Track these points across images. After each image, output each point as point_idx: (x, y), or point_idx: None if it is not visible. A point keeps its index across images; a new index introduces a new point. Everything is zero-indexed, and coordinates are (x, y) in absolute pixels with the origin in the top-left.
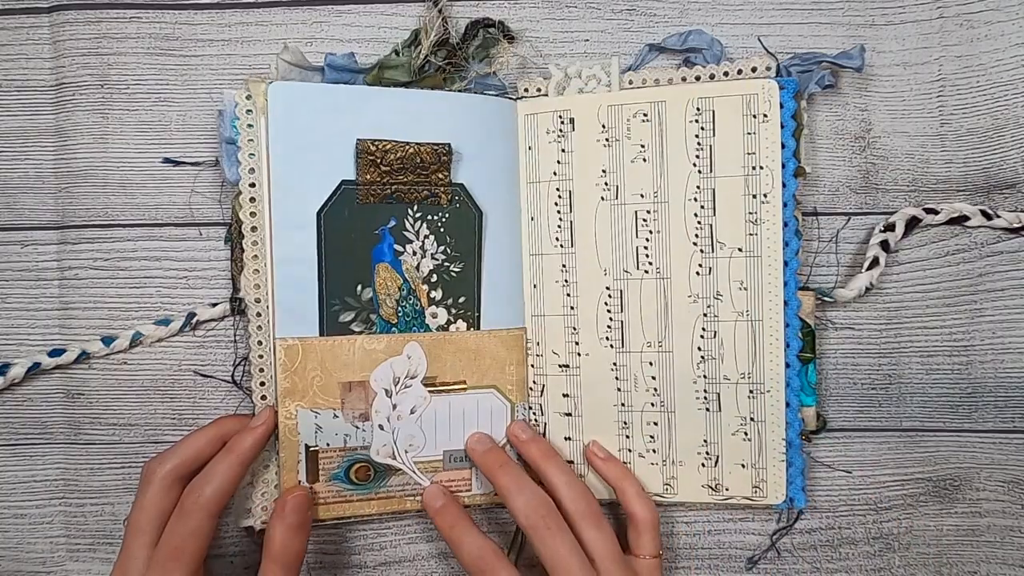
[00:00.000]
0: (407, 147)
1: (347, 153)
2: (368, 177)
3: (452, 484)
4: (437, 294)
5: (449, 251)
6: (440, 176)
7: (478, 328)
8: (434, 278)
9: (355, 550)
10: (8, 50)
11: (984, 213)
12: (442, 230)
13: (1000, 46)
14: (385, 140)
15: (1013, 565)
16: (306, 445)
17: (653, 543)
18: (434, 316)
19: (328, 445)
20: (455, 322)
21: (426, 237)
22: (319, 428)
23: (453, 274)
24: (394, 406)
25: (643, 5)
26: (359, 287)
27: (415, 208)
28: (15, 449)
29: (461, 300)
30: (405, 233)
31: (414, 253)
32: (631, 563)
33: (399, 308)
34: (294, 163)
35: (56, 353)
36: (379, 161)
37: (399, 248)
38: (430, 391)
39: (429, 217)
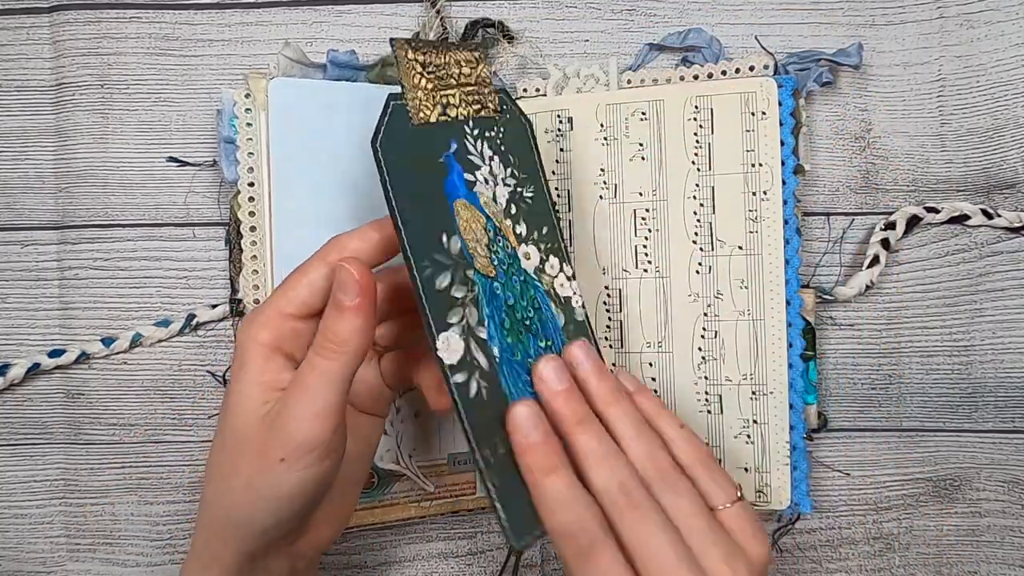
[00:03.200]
0: (443, 49)
1: (349, 150)
2: (416, 85)
3: (456, 487)
4: (522, 229)
5: (517, 173)
6: (484, 79)
7: (569, 263)
8: (514, 209)
9: (355, 550)
10: (8, 50)
11: (985, 212)
12: (503, 148)
13: (1000, 46)
14: (421, 41)
15: (1013, 565)
16: None
17: (720, 484)
18: (527, 257)
19: None
20: (547, 259)
21: (491, 159)
22: None
23: (528, 200)
24: (398, 410)
25: (643, 5)
26: (444, 236)
27: (471, 124)
28: (15, 449)
29: (544, 231)
30: (470, 157)
31: (486, 181)
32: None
33: (492, 255)
34: (295, 160)
35: (56, 353)
36: (424, 67)
37: (470, 177)
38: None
39: (487, 134)
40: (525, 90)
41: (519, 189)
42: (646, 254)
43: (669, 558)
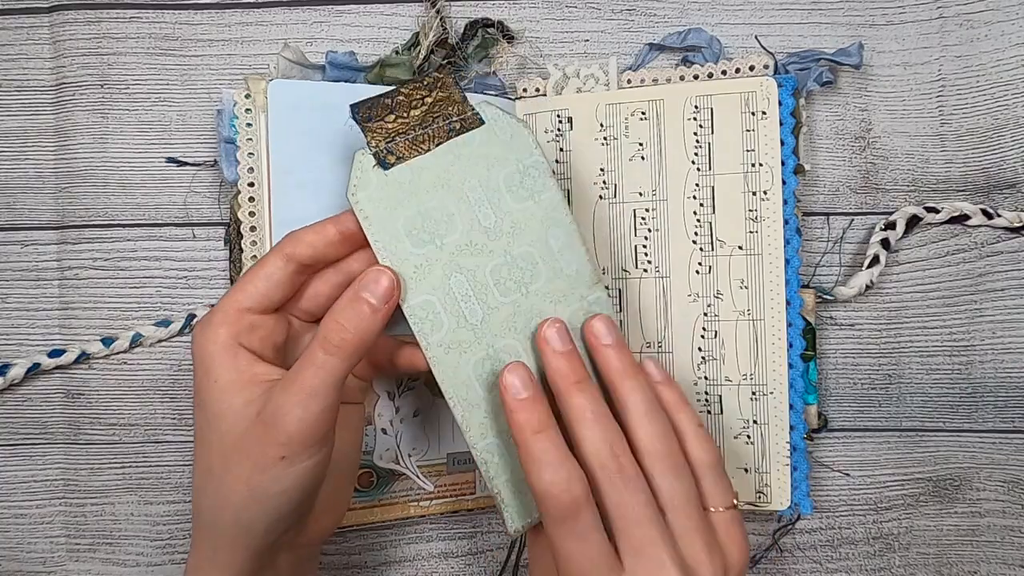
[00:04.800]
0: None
1: (348, 151)
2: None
3: (456, 487)
4: None
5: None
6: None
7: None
8: None
9: (355, 550)
10: (8, 50)
11: (985, 212)
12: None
13: (1000, 46)
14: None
15: (1013, 565)
16: None
17: (721, 489)
18: None
19: None
20: None
21: None
22: None
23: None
24: (397, 409)
25: (643, 5)
26: None
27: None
28: (15, 449)
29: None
30: None
31: None
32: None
33: None
34: (295, 160)
35: (56, 353)
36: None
37: None
38: (433, 393)
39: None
40: (525, 90)
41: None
42: (646, 254)
43: (650, 532)
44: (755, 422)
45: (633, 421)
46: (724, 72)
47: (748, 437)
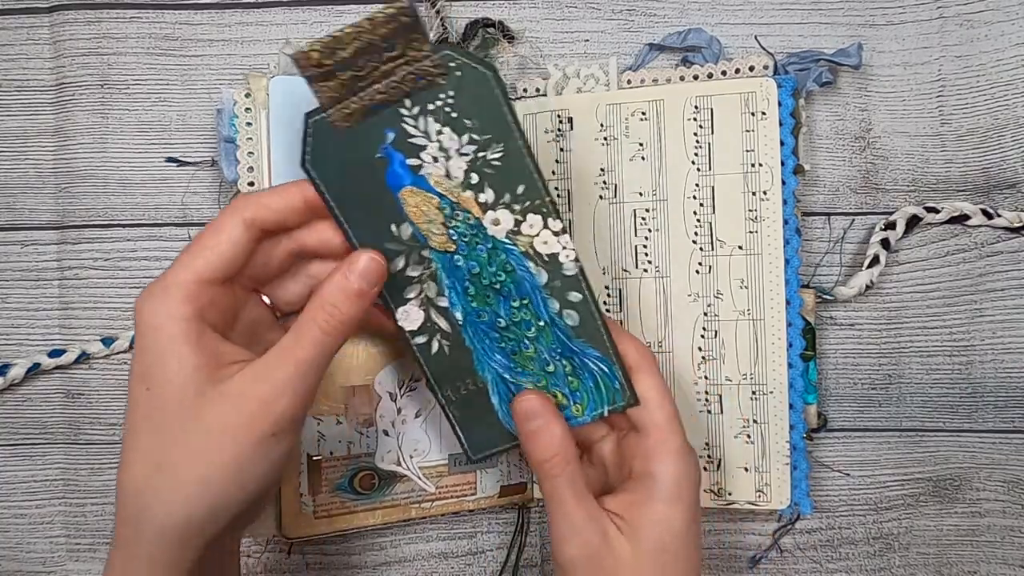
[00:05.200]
0: (355, 32)
1: None
2: (330, 94)
3: (457, 488)
4: (487, 196)
5: (477, 136)
6: (416, 46)
7: (556, 215)
8: (474, 178)
9: (355, 550)
10: (8, 50)
11: (985, 212)
12: (454, 114)
13: (1000, 46)
14: (320, 39)
15: (1013, 565)
16: (308, 455)
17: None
18: (496, 224)
19: (331, 454)
20: (524, 220)
21: (439, 133)
22: (322, 436)
23: (494, 163)
24: (399, 410)
25: (643, 5)
26: (393, 226)
27: (409, 104)
28: (15, 449)
29: (520, 190)
30: (412, 141)
31: (435, 160)
32: None
33: (450, 231)
34: (295, 159)
35: (56, 354)
36: (331, 66)
37: (414, 162)
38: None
39: (431, 106)
40: (525, 90)
41: (481, 154)
42: (646, 254)
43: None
44: (755, 421)
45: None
46: (724, 72)
47: (748, 436)
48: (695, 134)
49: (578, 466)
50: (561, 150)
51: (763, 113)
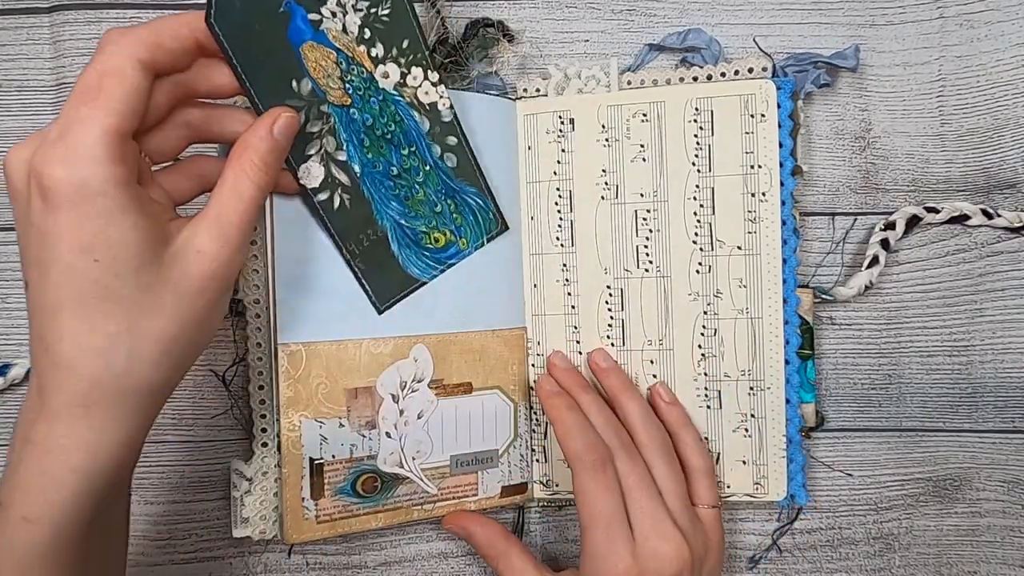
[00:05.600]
0: None
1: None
2: None
3: (459, 489)
4: (378, 50)
5: None
6: None
7: (435, 69)
8: (367, 33)
9: (355, 550)
10: (8, 50)
11: (985, 212)
12: None
13: (1000, 46)
14: None
15: (1013, 565)
16: (311, 458)
17: (710, 492)
18: (386, 76)
19: (334, 457)
20: (409, 72)
21: None
22: (324, 439)
23: (384, 19)
24: (401, 412)
25: (643, 5)
26: (293, 82)
27: None
28: None
29: (405, 44)
30: None
31: (333, 15)
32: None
33: (346, 85)
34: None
35: None
36: None
37: (314, 17)
38: (436, 394)
39: None
40: (525, 90)
41: (373, 10)
42: (647, 254)
43: (649, 495)
44: (753, 416)
45: (634, 424)
46: (723, 74)
47: (746, 431)
48: (695, 136)
49: (520, 546)
50: (562, 151)
51: (762, 115)
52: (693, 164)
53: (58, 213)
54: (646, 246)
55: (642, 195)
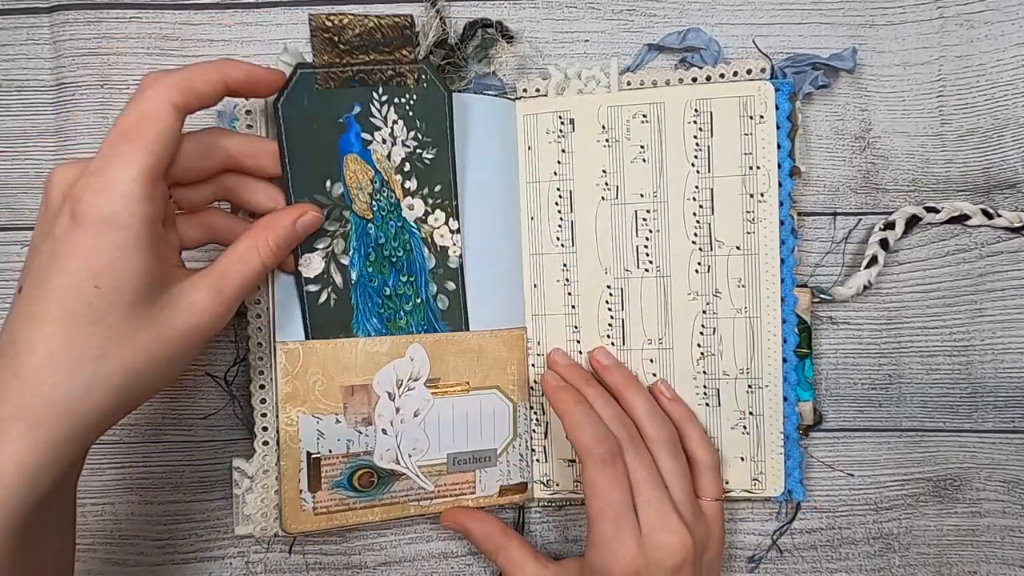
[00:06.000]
0: (366, 21)
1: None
2: (326, 58)
3: (456, 487)
4: (411, 184)
5: (420, 136)
6: (404, 53)
7: (456, 218)
8: (407, 167)
9: (355, 550)
10: (8, 50)
11: (985, 212)
12: (411, 114)
13: (1000, 46)
14: (342, 13)
15: (1013, 565)
16: (308, 452)
17: (715, 485)
18: (411, 208)
19: (331, 452)
20: (432, 212)
21: (395, 123)
22: (321, 434)
23: (427, 161)
24: (397, 409)
25: (643, 5)
26: (328, 182)
27: (380, 91)
28: None
29: (437, 189)
30: (372, 119)
31: (384, 141)
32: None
33: (373, 202)
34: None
35: None
36: (336, 39)
37: (367, 136)
38: (433, 393)
39: (396, 100)
40: (525, 90)
41: (419, 151)
42: (647, 254)
43: (655, 488)
44: (751, 413)
45: (640, 418)
46: (722, 75)
47: (744, 428)
48: (695, 137)
49: (518, 538)
50: (562, 151)
51: (761, 117)
52: (692, 165)
53: (81, 233)
54: (646, 246)
55: (642, 195)
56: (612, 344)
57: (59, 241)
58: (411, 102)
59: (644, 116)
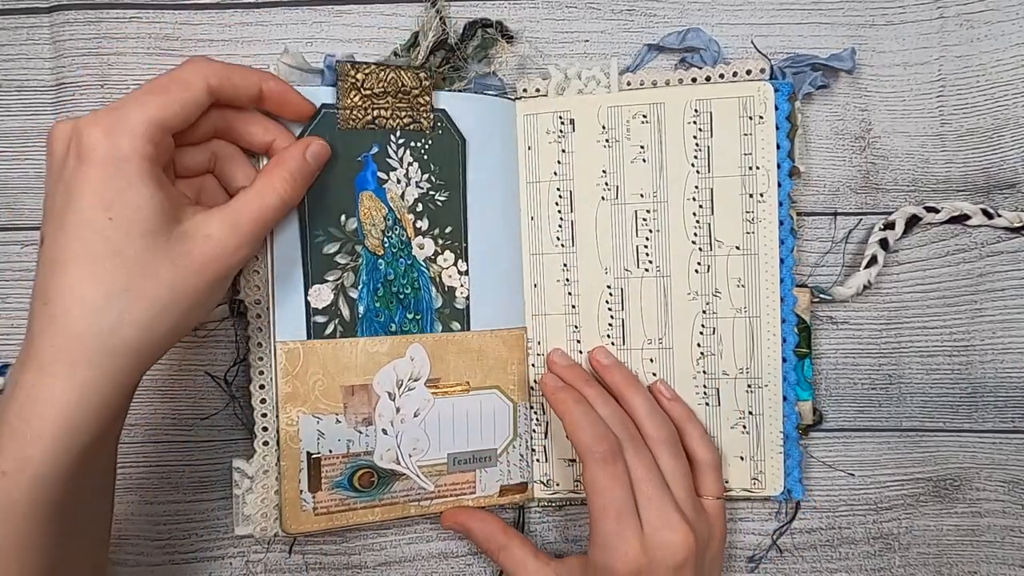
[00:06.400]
0: (388, 71)
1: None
2: (349, 101)
3: (456, 487)
4: (423, 224)
5: (434, 179)
6: (422, 100)
7: (465, 260)
8: (419, 207)
9: (355, 550)
10: (8, 50)
11: (985, 212)
12: (426, 157)
13: (1000, 46)
14: (366, 63)
15: (1013, 565)
16: (308, 452)
17: (716, 484)
18: (421, 247)
19: (331, 452)
20: (442, 253)
21: (410, 165)
22: (321, 434)
23: (439, 203)
24: (397, 409)
25: (643, 5)
26: (343, 217)
27: (398, 135)
28: None
29: (448, 230)
30: (389, 160)
31: (398, 181)
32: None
33: (385, 239)
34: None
35: None
36: (360, 85)
37: (383, 176)
38: (433, 393)
39: (412, 144)
40: (525, 90)
41: (432, 193)
42: (647, 254)
43: (656, 486)
44: (750, 413)
45: (640, 418)
46: (722, 76)
47: (744, 427)
48: (695, 137)
49: (520, 537)
50: (562, 151)
51: (760, 117)
52: (692, 165)
53: (88, 169)
54: (646, 246)
55: (642, 195)
56: (612, 344)
57: (69, 183)
58: (427, 146)
59: (644, 116)
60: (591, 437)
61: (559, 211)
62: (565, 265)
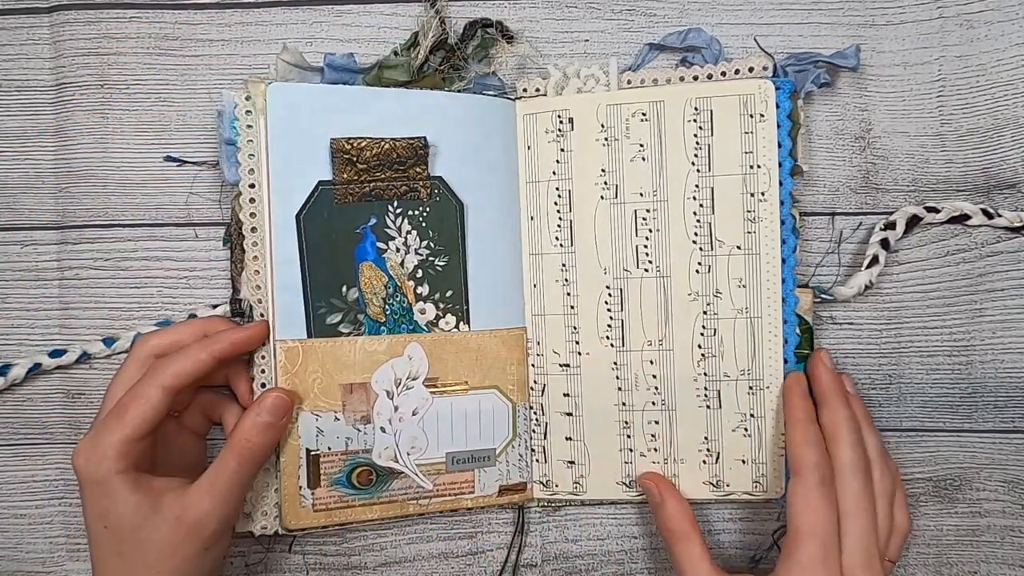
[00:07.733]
0: (382, 143)
1: None
2: (345, 176)
3: (455, 486)
4: (424, 289)
5: (433, 245)
6: (418, 170)
7: (467, 322)
8: (419, 273)
9: (355, 550)
10: (8, 50)
11: (985, 212)
12: (424, 224)
13: (1000, 46)
14: (359, 137)
15: (1013, 565)
16: (307, 449)
17: (898, 551)
18: (422, 312)
19: (330, 449)
20: (444, 316)
21: (408, 233)
22: (320, 432)
23: (438, 268)
24: (396, 408)
25: (643, 5)
26: (344, 288)
27: (395, 204)
28: (15, 449)
29: (448, 294)
30: (387, 230)
31: (397, 250)
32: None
33: (386, 306)
34: (293, 164)
35: (57, 354)
36: (355, 159)
37: (382, 246)
38: (432, 392)
39: (410, 212)
40: (525, 90)
41: (431, 259)
42: (647, 254)
43: (871, 526)
44: (752, 416)
45: (870, 459)
46: (723, 74)
47: (745, 430)
48: (695, 135)
49: (703, 537)
50: (561, 150)
51: (761, 115)
52: (692, 164)
53: (83, 490)
54: (646, 246)
55: (641, 195)
56: (611, 345)
57: (81, 498)
58: (424, 213)
59: (643, 114)
60: (818, 455)
61: (558, 211)
62: (564, 265)
